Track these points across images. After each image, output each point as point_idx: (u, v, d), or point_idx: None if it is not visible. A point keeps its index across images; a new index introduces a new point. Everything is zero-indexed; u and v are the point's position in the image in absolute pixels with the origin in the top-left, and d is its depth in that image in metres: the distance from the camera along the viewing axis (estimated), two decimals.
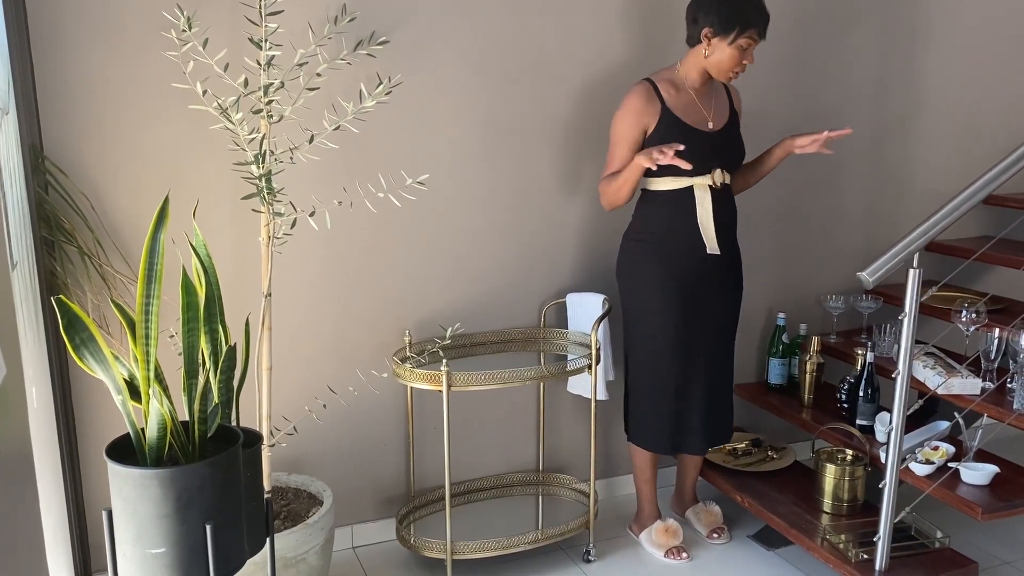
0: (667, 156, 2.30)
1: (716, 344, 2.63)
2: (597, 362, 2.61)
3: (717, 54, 2.41)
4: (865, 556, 2.40)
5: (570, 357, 2.69)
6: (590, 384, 2.66)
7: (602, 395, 2.73)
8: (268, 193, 2.13)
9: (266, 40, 2.12)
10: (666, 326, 2.55)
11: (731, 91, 2.62)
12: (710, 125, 2.51)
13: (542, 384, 2.92)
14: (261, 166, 2.11)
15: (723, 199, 2.53)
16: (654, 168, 2.36)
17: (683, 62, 2.51)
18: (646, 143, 2.48)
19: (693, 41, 2.46)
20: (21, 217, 2.09)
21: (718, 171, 2.49)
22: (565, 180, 2.84)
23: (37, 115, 2.23)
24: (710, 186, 2.48)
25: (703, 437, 2.66)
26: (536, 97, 2.74)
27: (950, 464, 2.50)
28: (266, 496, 1.80)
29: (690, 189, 2.48)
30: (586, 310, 2.76)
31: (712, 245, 2.51)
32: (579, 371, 2.60)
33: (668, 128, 2.45)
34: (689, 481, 2.92)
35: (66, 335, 1.60)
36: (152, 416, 1.61)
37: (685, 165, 2.32)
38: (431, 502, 2.80)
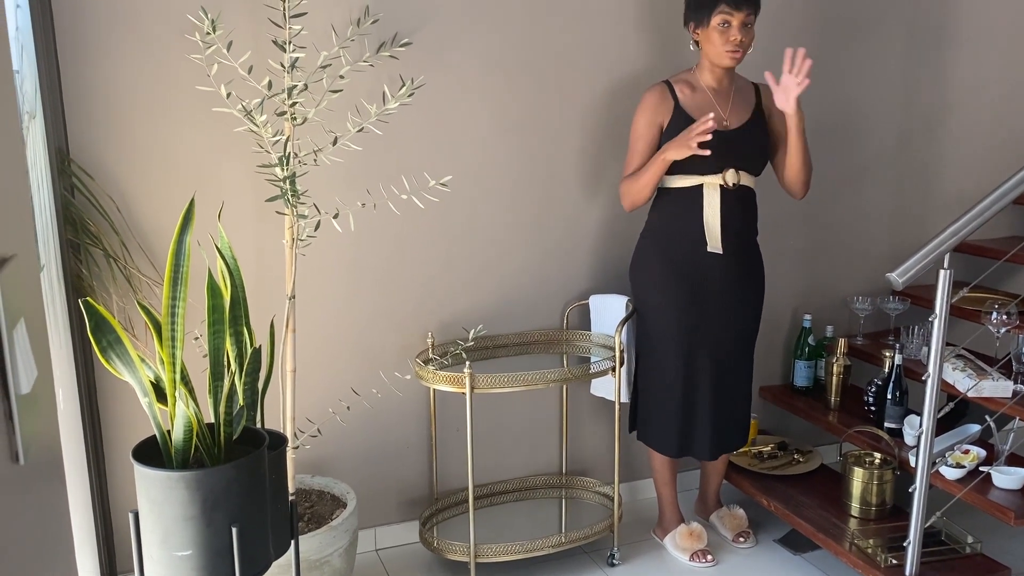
0: (701, 131, 2.30)
1: (728, 348, 2.59)
2: (621, 364, 2.59)
3: (706, 43, 2.45)
4: (895, 561, 2.37)
5: (593, 359, 2.67)
6: (614, 386, 2.64)
7: (625, 397, 2.71)
8: (292, 195, 2.13)
9: (290, 42, 2.12)
10: (670, 325, 2.55)
11: (761, 90, 2.58)
12: (725, 123, 2.49)
13: (565, 386, 2.90)
14: (285, 168, 2.12)
15: (737, 201, 2.49)
16: (680, 157, 2.37)
17: (698, 64, 2.54)
18: (661, 141, 2.48)
19: (694, 44, 2.51)
20: (48, 220, 2.10)
21: (731, 171, 2.46)
22: (587, 181, 2.82)
23: (63, 118, 2.25)
24: (721, 186, 2.46)
25: (711, 442, 2.62)
26: (558, 99, 2.73)
27: (981, 468, 2.46)
28: (290, 498, 1.80)
29: (700, 187, 2.47)
30: (609, 312, 2.74)
31: (714, 243, 2.48)
32: (602, 373, 2.58)
33: (680, 125, 2.45)
34: (713, 485, 2.90)
35: (93, 337, 1.60)
36: (178, 418, 1.61)
37: (702, 152, 2.32)
38: (454, 504, 2.80)
